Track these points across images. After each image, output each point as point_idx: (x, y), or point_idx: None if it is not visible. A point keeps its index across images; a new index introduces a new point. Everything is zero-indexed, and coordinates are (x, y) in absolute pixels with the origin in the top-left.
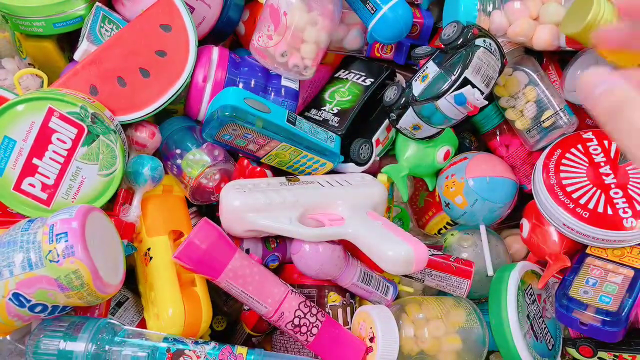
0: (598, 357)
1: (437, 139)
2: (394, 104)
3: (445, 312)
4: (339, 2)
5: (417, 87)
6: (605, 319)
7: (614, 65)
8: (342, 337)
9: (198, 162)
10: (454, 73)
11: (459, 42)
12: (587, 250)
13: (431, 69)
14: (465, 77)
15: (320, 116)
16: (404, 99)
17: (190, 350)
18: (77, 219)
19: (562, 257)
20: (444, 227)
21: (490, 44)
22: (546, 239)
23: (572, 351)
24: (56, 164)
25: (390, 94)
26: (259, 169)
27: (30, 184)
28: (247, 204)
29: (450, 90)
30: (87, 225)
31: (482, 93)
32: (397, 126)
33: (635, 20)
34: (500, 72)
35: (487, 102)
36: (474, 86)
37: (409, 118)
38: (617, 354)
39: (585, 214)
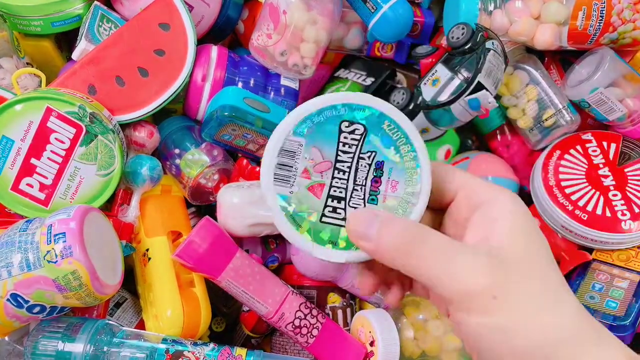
0: None
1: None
2: (403, 109)
3: None
4: (339, 1)
5: (428, 91)
6: (613, 324)
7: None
8: (342, 339)
9: (197, 162)
10: (468, 77)
11: (468, 46)
12: (592, 255)
13: (441, 72)
14: (478, 82)
15: None
16: (413, 103)
17: (189, 351)
18: (75, 219)
19: (580, 253)
20: None
21: (497, 45)
22: (558, 236)
23: None
24: (54, 164)
25: (397, 98)
26: (258, 169)
27: (28, 184)
28: (246, 199)
29: (464, 95)
30: (85, 225)
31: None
32: None
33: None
34: (503, 71)
35: (497, 105)
36: (487, 90)
37: (418, 122)
38: None
39: (584, 216)
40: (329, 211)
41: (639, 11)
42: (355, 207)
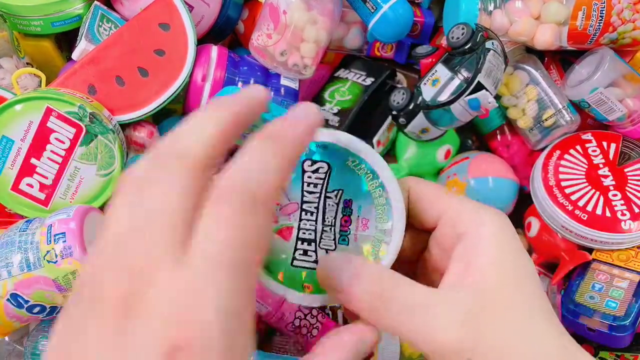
0: (599, 357)
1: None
2: (403, 109)
3: None
4: (339, 1)
5: (428, 91)
6: (613, 324)
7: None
8: None
9: None
10: (468, 77)
11: (468, 46)
12: (592, 255)
13: (441, 72)
14: (478, 82)
15: None
16: (413, 103)
17: None
18: (75, 219)
19: (580, 253)
20: None
21: (497, 45)
22: (558, 236)
23: None
24: (54, 164)
25: (397, 98)
26: None
27: (28, 184)
28: None
29: (464, 95)
30: (85, 225)
31: (491, 95)
32: (405, 130)
33: None
34: (503, 71)
35: (497, 105)
36: (487, 90)
37: (418, 122)
38: (619, 353)
39: (584, 216)
40: (299, 254)
41: (639, 11)
42: (325, 249)
